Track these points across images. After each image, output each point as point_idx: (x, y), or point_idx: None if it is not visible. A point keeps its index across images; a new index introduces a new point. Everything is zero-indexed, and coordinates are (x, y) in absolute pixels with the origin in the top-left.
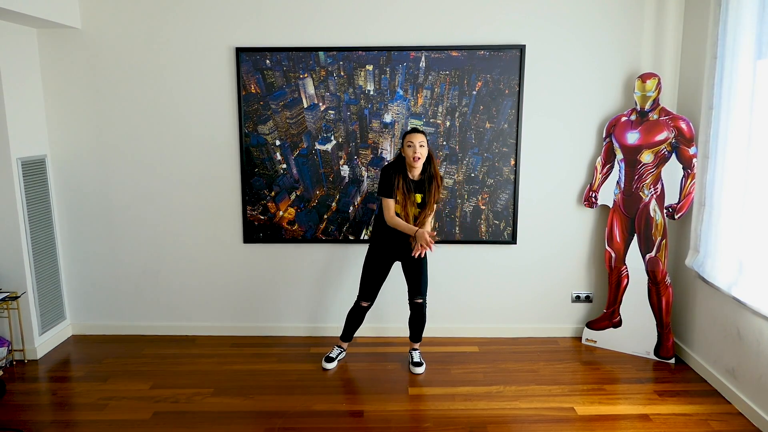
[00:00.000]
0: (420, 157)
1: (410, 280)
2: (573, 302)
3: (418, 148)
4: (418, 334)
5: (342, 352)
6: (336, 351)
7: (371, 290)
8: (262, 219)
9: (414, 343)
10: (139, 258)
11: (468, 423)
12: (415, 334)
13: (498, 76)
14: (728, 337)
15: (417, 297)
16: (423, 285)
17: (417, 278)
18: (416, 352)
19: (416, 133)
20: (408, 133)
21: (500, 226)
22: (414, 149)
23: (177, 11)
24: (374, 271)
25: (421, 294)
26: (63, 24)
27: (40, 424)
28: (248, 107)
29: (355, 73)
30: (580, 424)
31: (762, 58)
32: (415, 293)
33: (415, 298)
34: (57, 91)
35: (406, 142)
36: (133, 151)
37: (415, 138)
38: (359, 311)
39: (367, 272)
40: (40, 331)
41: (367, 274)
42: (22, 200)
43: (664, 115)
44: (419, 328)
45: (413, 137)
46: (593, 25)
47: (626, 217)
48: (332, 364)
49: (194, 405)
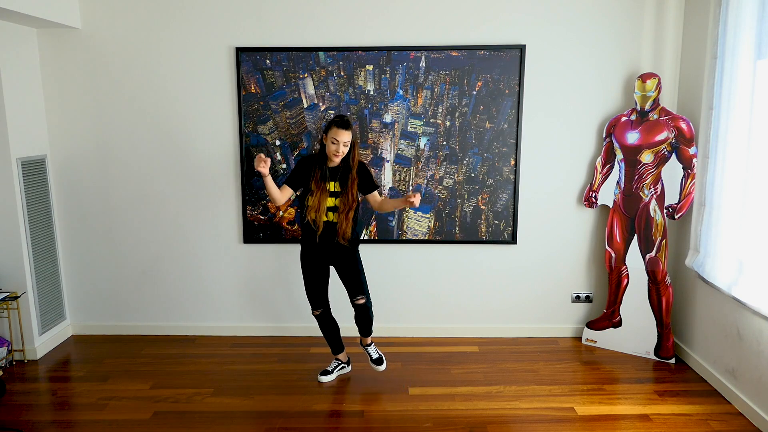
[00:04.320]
0: (340, 155)
1: (346, 282)
2: (573, 302)
3: (341, 147)
4: (367, 329)
5: (340, 365)
6: (333, 364)
7: (316, 296)
8: (262, 219)
9: (365, 338)
10: (139, 258)
11: (468, 423)
12: (364, 330)
13: (498, 76)
14: (728, 337)
15: (358, 297)
16: (362, 284)
17: (353, 277)
18: (371, 348)
19: (344, 129)
20: (336, 126)
21: (500, 226)
22: (337, 147)
23: (177, 11)
24: (311, 276)
25: (363, 293)
26: (63, 24)
27: (40, 424)
28: (248, 107)
29: (355, 73)
30: (580, 424)
31: (762, 58)
32: (354, 293)
33: (356, 298)
34: (57, 91)
35: (331, 138)
36: (133, 151)
37: (340, 136)
38: (319, 320)
39: (306, 279)
40: (40, 331)
41: (306, 281)
42: (22, 200)
43: (664, 115)
44: (367, 324)
45: (339, 134)
46: (593, 25)
47: (626, 217)
48: (328, 377)
49: (194, 405)
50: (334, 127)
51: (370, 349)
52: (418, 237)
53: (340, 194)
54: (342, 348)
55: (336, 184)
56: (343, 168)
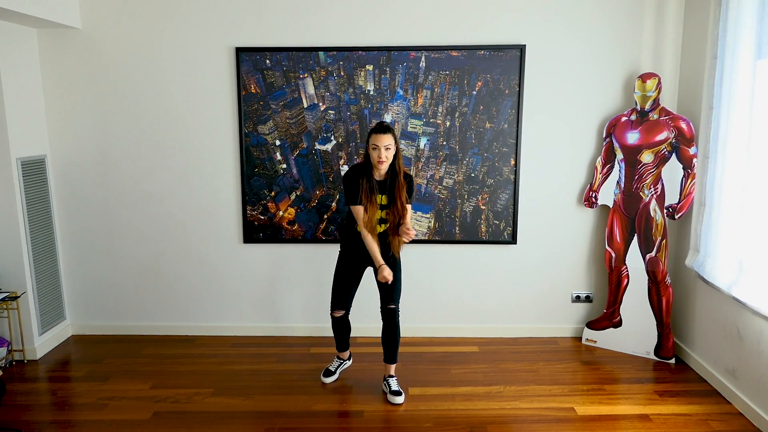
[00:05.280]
0: (384, 161)
1: (382, 288)
2: (573, 302)
3: (383, 151)
4: (393, 351)
5: (342, 363)
6: (336, 363)
7: (343, 299)
8: (262, 219)
9: (389, 366)
10: (139, 258)
11: (468, 423)
12: (389, 353)
13: (498, 76)
14: (728, 337)
15: (389, 304)
16: (396, 292)
17: (390, 286)
18: (393, 379)
19: (382, 134)
20: (374, 133)
21: (500, 226)
22: (379, 152)
23: (177, 11)
24: (344, 279)
25: (393, 301)
26: (63, 24)
27: (40, 424)
28: (248, 107)
29: (355, 73)
30: (580, 424)
31: (762, 58)
32: (387, 300)
33: (388, 304)
34: (57, 91)
35: (371, 144)
36: (133, 151)
37: (380, 140)
38: (336, 322)
39: (338, 280)
40: (40, 331)
41: (338, 282)
42: (22, 200)
43: (665, 115)
44: (393, 343)
45: (378, 139)
46: (593, 25)
47: (626, 217)
48: (331, 378)
49: (194, 405)
50: (372, 133)
51: (392, 380)
52: (418, 237)
53: (388, 206)
54: (347, 348)
55: (384, 198)
56: (390, 180)
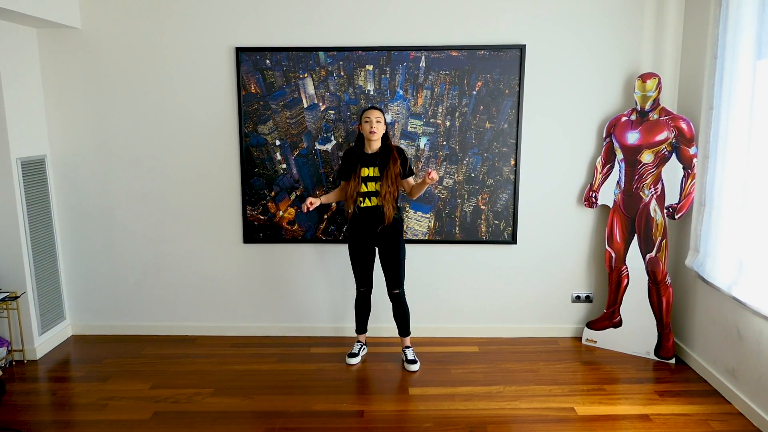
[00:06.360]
0: (376, 131)
1: (386, 271)
2: (573, 302)
3: (374, 123)
4: (405, 326)
5: (363, 346)
6: (357, 346)
7: (363, 278)
8: (262, 219)
9: (404, 338)
10: (139, 258)
11: (468, 423)
12: (402, 328)
13: (498, 76)
14: (728, 337)
15: (394, 288)
16: (400, 276)
17: (394, 269)
18: (409, 350)
19: (371, 109)
20: (365, 110)
21: (500, 226)
22: (371, 124)
23: (177, 11)
24: (358, 261)
25: (397, 286)
26: (63, 24)
27: (40, 424)
28: (248, 107)
29: (355, 73)
30: (580, 424)
31: (762, 58)
32: (392, 286)
33: (393, 289)
34: (57, 91)
35: (364, 118)
36: (133, 150)
37: (371, 114)
38: (360, 297)
39: (353, 263)
40: (40, 331)
41: (354, 265)
42: (22, 200)
43: (665, 115)
44: (404, 320)
45: (370, 113)
46: (593, 25)
47: (626, 217)
48: (356, 359)
49: (194, 405)
50: (364, 111)
51: (408, 351)
52: (418, 237)
53: (380, 178)
54: (365, 330)
55: (375, 170)
56: (381, 153)
